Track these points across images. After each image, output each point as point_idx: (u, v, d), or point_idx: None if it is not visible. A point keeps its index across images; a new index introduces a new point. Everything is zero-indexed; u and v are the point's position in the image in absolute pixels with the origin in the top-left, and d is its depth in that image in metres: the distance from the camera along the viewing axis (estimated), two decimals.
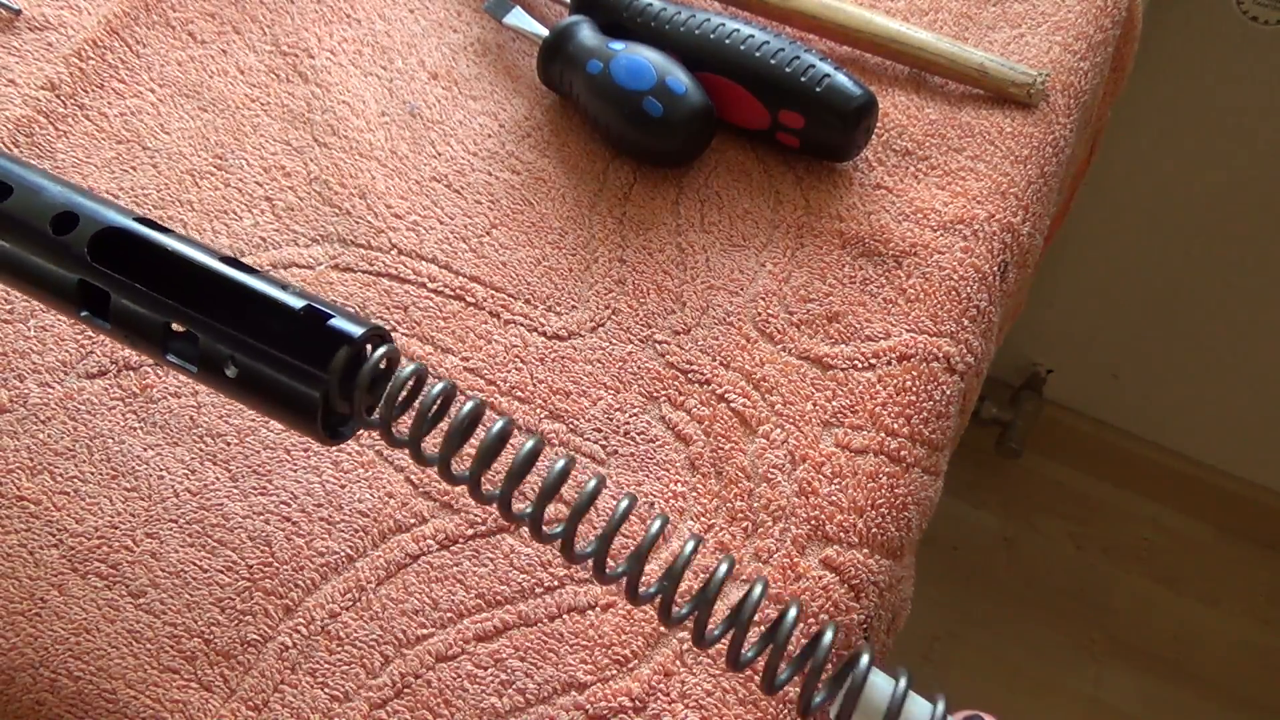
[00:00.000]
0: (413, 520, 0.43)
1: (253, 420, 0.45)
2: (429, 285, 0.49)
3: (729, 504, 0.44)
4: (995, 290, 0.52)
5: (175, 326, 0.37)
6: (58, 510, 0.43)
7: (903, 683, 0.30)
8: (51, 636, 0.40)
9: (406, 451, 0.35)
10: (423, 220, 0.52)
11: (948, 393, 0.48)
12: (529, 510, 0.34)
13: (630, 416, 0.46)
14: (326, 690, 0.40)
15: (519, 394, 0.47)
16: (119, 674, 0.40)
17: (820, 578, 0.43)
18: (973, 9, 0.61)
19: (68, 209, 0.38)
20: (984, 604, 1.34)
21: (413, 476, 0.44)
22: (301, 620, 0.41)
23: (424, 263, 0.50)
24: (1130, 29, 0.64)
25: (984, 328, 0.51)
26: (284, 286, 0.37)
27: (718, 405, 0.47)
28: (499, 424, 0.34)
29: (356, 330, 0.36)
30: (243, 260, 0.49)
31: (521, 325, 0.49)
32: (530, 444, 0.34)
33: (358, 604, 0.41)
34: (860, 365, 0.48)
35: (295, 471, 0.44)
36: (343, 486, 0.44)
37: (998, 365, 1.21)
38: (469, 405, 0.35)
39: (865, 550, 0.44)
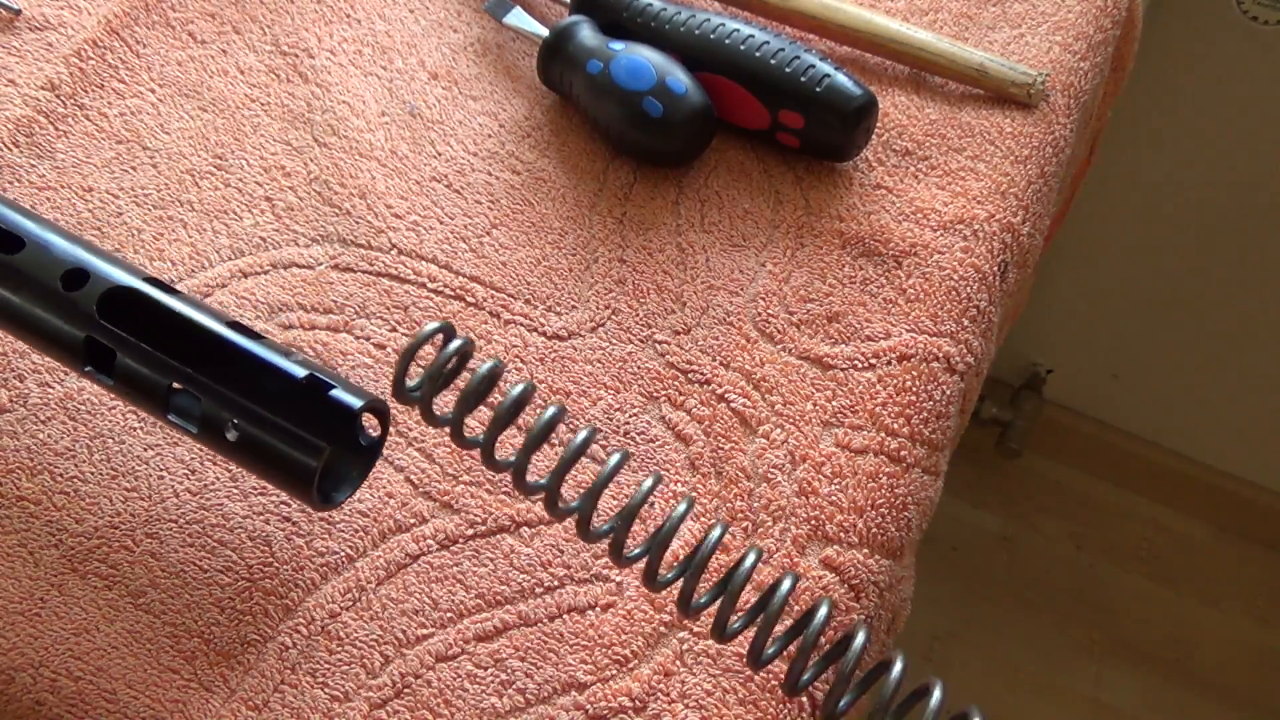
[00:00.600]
0: (413, 520, 0.43)
1: None
2: (429, 285, 0.49)
3: (729, 504, 0.44)
4: (995, 290, 0.52)
5: (177, 386, 0.38)
6: (57, 510, 0.43)
7: (937, 694, 0.29)
8: (51, 637, 0.40)
9: (418, 410, 0.34)
10: (423, 220, 0.52)
11: (948, 393, 0.48)
12: (546, 482, 0.34)
13: (630, 416, 0.46)
14: (326, 690, 0.40)
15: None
16: (119, 674, 0.40)
17: (820, 578, 0.43)
18: (973, 9, 0.61)
19: (78, 266, 0.39)
20: (984, 604, 1.34)
21: (412, 476, 0.44)
22: (301, 620, 0.41)
23: (424, 263, 0.50)
24: (1130, 29, 0.64)
25: (984, 328, 0.51)
26: (287, 353, 0.39)
27: (718, 405, 0.47)
28: (518, 388, 0.34)
29: (357, 402, 0.37)
30: (246, 257, 0.49)
31: (521, 325, 0.49)
32: (550, 412, 0.33)
33: (358, 604, 0.41)
34: (860, 365, 0.48)
35: None
36: None
37: (998, 365, 1.22)
38: (486, 366, 0.34)
39: (865, 550, 0.44)
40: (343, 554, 0.42)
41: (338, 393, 0.37)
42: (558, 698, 0.40)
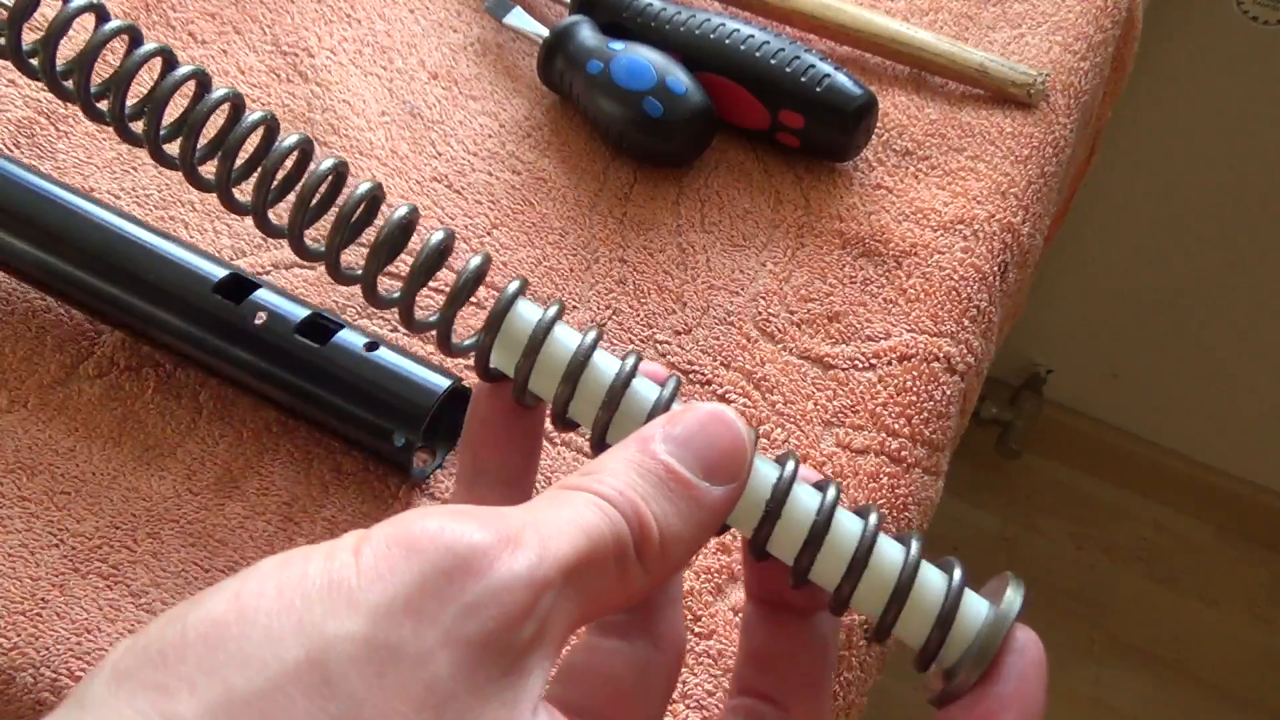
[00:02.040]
0: None
1: (254, 424, 0.45)
2: (430, 285, 0.49)
3: None
4: (995, 290, 0.52)
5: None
6: (59, 510, 0.43)
7: (553, 310, 0.27)
8: (53, 636, 0.40)
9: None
10: (424, 221, 0.52)
11: (948, 393, 0.48)
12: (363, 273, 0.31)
13: None
14: None
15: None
16: None
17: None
18: (973, 9, 0.61)
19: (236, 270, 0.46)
20: None
21: (415, 478, 0.44)
22: None
23: None
24: (1130, 29, 0.64)
25: (984, 328, 0.51)
26: None
27: None
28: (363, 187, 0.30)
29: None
30: (248, 257, 0.50)
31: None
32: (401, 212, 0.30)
33: None
34: (861, 365, 0.48)
35: (296, 476, 0.44)
36: (345, 489, 0.44)
37: (998, 365, 1.20)
38: (327, 163, 0.31)
39: None
40: None
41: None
42: None
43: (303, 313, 0.44)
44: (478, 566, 0.19)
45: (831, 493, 0.25)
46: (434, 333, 0.29)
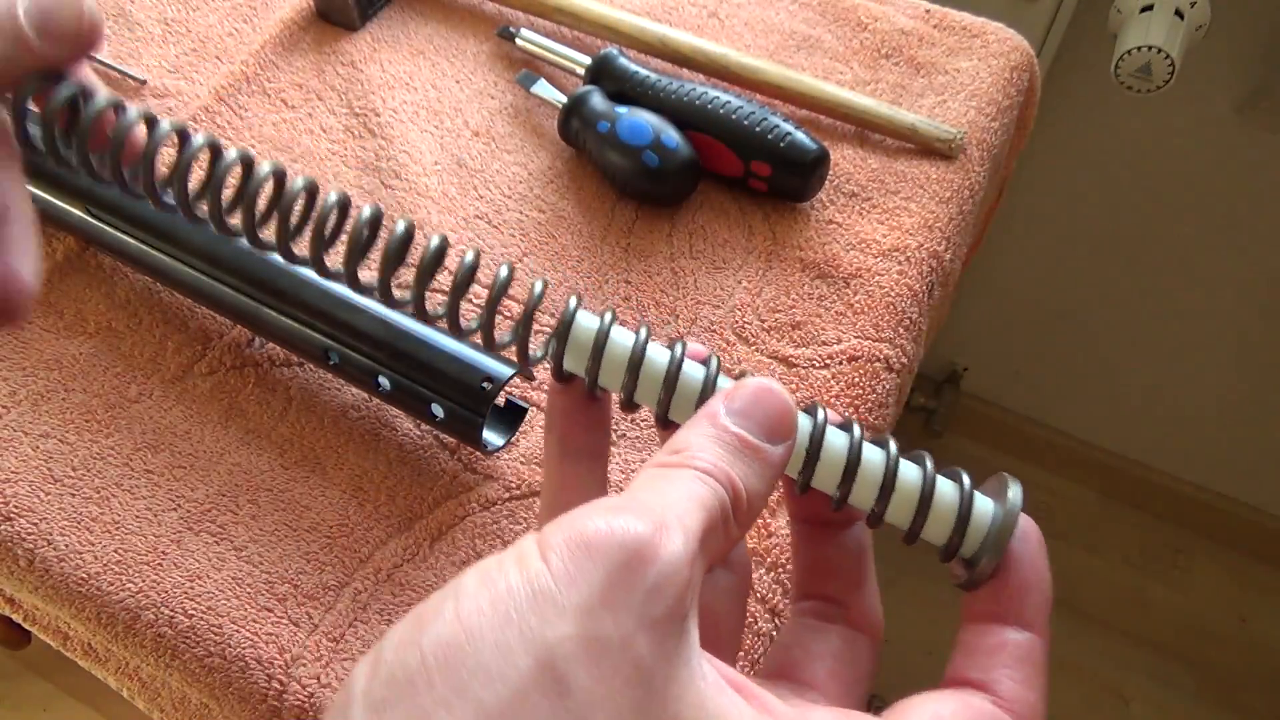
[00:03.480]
0: (460, 489, 0.43)
1: (333, 412, 0.45)
2: (474, 301, 0.49)
3: None
4: (924, 305, 0.51)
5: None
6: (176, 481, 0.43)
7: (608, 317, 0.26)
8: (171, 583, 0.40)
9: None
10: (468, 249, 0.51)
11: (887, 387, 0.48)
12: (410, 295, 0.29)
13: None
14: (391, 625, 0.39)
15: (546, 386, 0.46)
16: (224, 612, 0.39)
17: (787, 535, 0.42)
18: (905, 80, 0.61)
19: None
20: (914, 555, 1.34)
21: (462, 457, 0.44)
22: (371, 570, 0.41)
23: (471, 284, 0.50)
24: (1031, 96, 0.64)
25: (915, 335, 0.50)
26: None
27: None
28: (401, 225, 0.29)
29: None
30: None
31: (545, 334, 0.48)
32: (435, 241, 0.29)
33: (416, 556, 0.41)
34: (818, 365, 0.48)
35: (365, 454, 0.44)
36: (404, 465, 0.44)
37: (924, 364, 1.21)
38: (367, 210, 0.30)
39: None
40: (404, 517, 0.42)
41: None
42: None
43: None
44: (649, 555, 0.18)
45: (857, 432, 0.24)
46: (514, 348, 0.29)
